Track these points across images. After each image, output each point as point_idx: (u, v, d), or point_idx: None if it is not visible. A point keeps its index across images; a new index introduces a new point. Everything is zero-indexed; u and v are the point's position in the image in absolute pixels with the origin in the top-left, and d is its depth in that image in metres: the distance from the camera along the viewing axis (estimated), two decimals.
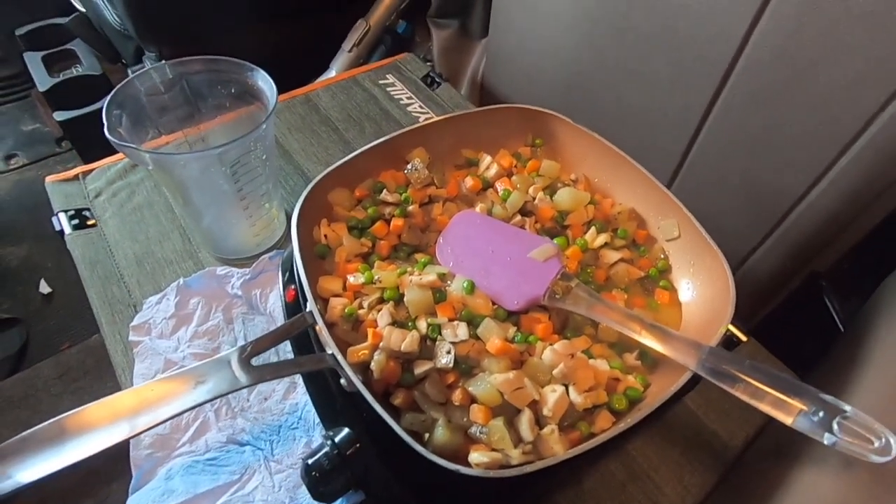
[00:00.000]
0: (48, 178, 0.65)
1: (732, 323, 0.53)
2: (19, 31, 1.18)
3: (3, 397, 0.98)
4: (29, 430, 0.33)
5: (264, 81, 0.50)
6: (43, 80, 1.06)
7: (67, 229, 0.60)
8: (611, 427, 0.35)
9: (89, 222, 0.61)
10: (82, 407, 0.32)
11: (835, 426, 0.30)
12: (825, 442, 0.30)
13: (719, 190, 0.62)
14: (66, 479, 0.31)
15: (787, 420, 0.31)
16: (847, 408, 0.30)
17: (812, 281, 0.63)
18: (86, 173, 0.66)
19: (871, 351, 0.45)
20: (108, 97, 0.46)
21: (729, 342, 0.54)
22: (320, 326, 0.36)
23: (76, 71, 1.11)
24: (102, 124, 0.44)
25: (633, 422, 0.33)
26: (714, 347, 0.35)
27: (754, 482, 0.41)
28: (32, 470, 0.31)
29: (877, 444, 0.29)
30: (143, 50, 0.92)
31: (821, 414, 0.30)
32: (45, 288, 1.20)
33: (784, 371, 0.54)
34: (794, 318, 0.65)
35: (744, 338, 0.55)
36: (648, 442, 0.49)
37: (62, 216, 0.61)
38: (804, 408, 0.31)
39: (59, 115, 1.02)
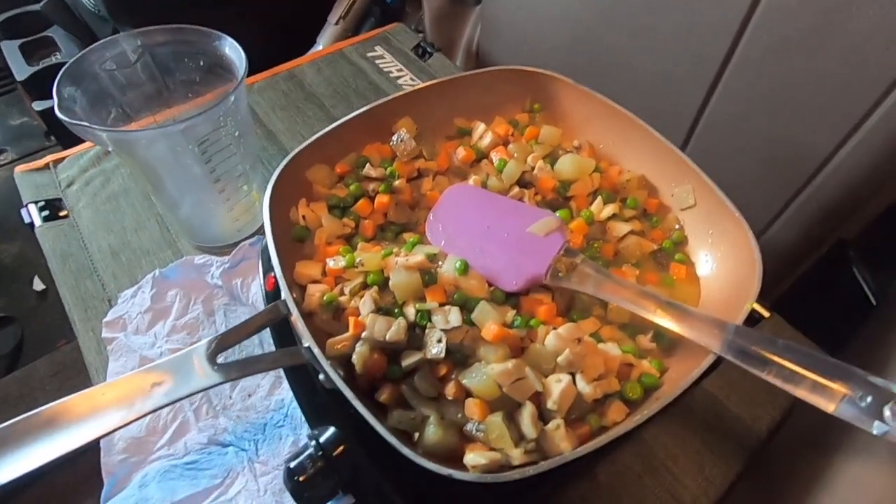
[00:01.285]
0: (17, 169, 0.61)
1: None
2: None
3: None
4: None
5: (233, 50, 0.45)
6: (21, 70, 1.02)
7: (37, 221, 0.56)
8: (624, 419, 0.31)
9: (61, 213, 0.58)
10: (18, 417, 0.28)
11: (887, 413, 0.26)
12: (874, 432, 0.26)
13: (736, 153, 0.57)
14: (30, 494, 0.27)
15: (829, 407, 0.27)
16: None
17: (839, 250, 0.58)
18: (57, 162, 0.62)
19: None
20: (61, 72, 0.42)
21: (750, 319, 0.49)
22: (295, 317, 0.32)
23: (55, 59, 1.06)
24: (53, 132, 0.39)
25: (650, 413, 0.29)
26: (740, 326, 0.31)
27: (785, 474, 0.37)
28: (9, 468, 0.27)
29: None
30: (118, 31, 0.88)
31: (868, 399, 0.26)
32: (38, 285, 1.17)
33: (810, 348, 0.50)
34: (820, 291, 0.61)
35: (766, 314, 0.50)
36: (665, 430, 0.45)
37: (31, 207, 0.57)
38: (849, 392, 0.26)
39: (39, 105, 0.98)
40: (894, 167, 0.48)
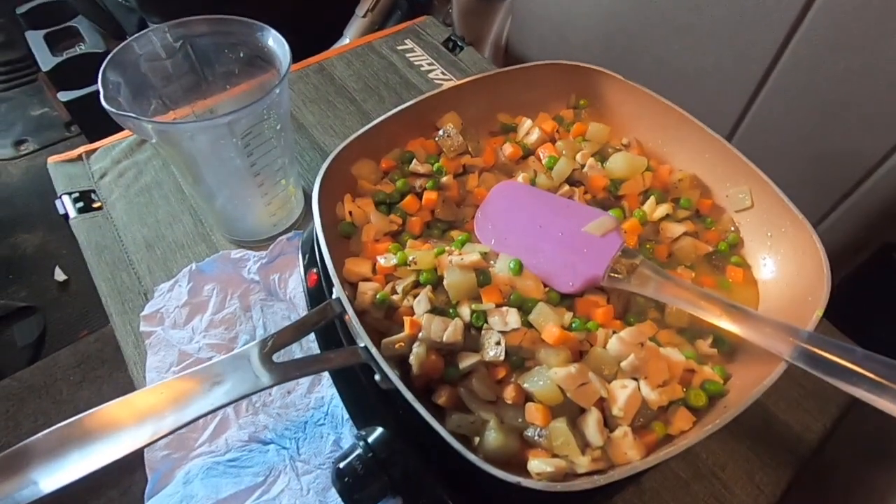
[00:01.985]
0: (50, 159, 0.61)
1: None
2: (20, 10, 1.14)
3: (23, 386, 0.97)
4: (54, 428, 0.29)
5: (276, 42, 0.45)
6: (46, 60, 1.02)
7: (72, 213, 0.56)
8: (692, 428, 0.30)
9: (95, 205, 0.57)
10: (77, 416, 0.27)
11: None
12: None
13: (781, 154, 0.55)
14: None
15: None
16: None
17: (885, 253, 0.57)
18: (89, 153, 0.62)
19: None
20: (104, 63, 0.41)
21: None
22: (350, 315, 0.31)
23: (79, 49, 1.06)
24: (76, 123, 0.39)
25: (723, 423, 0.28)
26: (813, 333, 0.30)
27: (842, 487, 0.36)
28: (60, 475, 0.27)
29: None
30: (146, 23, 0.87)
31: None
32: (60, 275, 1.17)
33: None
34: (865, 295, 0.59)
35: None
36: (712, 436, 0.43)
37: (66, 199, 0.57)
38: None
39: (64, 96, 0.97)
40: None
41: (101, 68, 0.40)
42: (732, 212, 0.41)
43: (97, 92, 0.39)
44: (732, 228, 0.41)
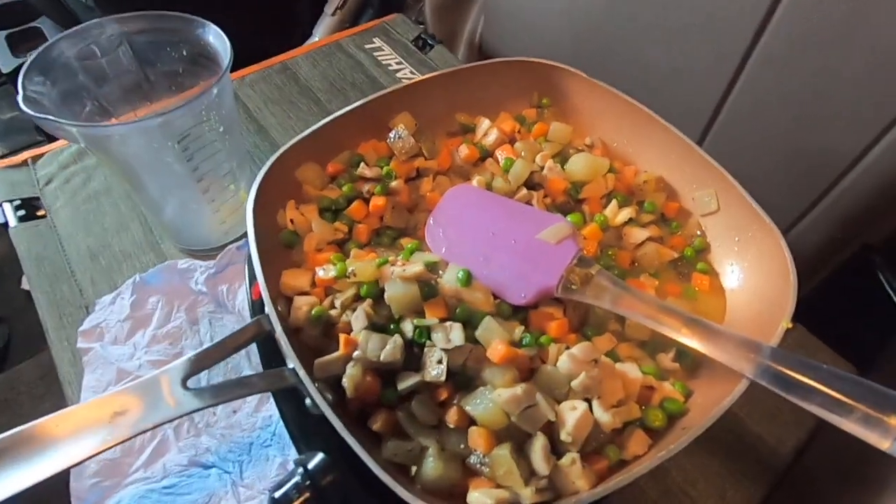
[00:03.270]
0: None
1: None
2: None
3: None
4: None
5: (217, 38, 0.42)
6: (6, 62, 0.98)
7: (12, 221, 0.53)
8: (647, 452, 0.28)
9: (38, 213, 0.54)
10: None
11: None
12: None
13: (755, 154, 0.54)
14: None
15: (883, 444, 0.24)
16: None
17: (863, 255, 0.55)
18: (36, 158, 0.59)
19: None
20: (28, 61, 0.38)
21: None
22: (279, 335, 0.29)
23: None
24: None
25: (678, 448, 0.26)
26: (777, 349, 0.27)
27: None
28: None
29: None
30: None
31: None
32: (27, 285, 1.13)
33: (838, 363, 0.47)
34: (843, 298, 0.57)
35: (789, 325, 0.47)
36: (683, 452, 0.42)
37: (6, 206, 0.54)
38: None
39: None
40: None
41: (23, 69, 0.38)
42: (699, 215, 0.39)
43: None
44: (699, 233, 0.38)
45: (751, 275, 0.35)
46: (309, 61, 0.72)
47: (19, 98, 0.36)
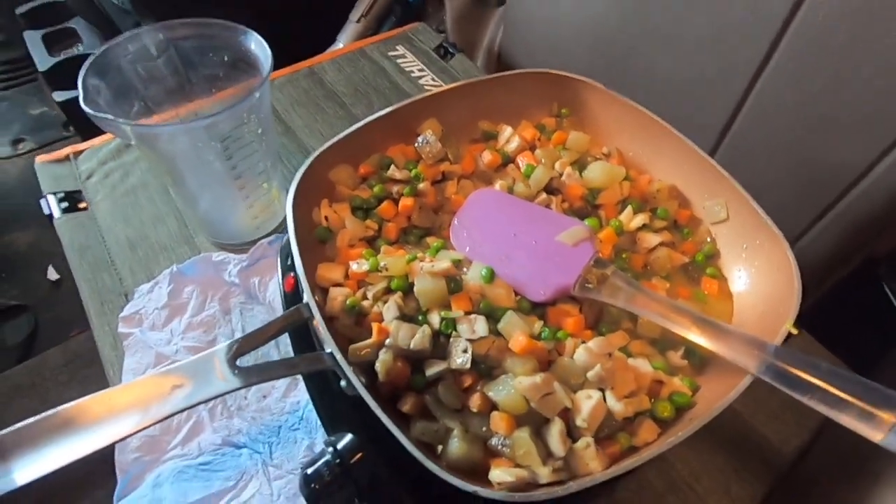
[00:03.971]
0: (38, 159, 0.61)
1: None
2: (19, 10, 1.15)
3: (11, 385, 0.96)
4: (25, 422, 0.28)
5: (258, 46, 0.45)
6: (43, 60, 1.02)
7: (56, 213, 0.56)
8: (656, 440, 0.30)
9: (80, 205, 0.58)
10: (37, 417, 0.27)
11: None
12: None
13: (766, 165, 0.56)
14: (47, 486, 0.26)
15: (876, 436, 0.26)
16: None
17: (868, 266, 0.57)
18: (77, 153, 0.62)
19: None
20: (86, 64, 0.41)
21: None
22: (317, 321, 0.31)
23: (77, 50, 1.07)
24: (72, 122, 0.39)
25: (685, 435, 0.28)
26: (780, 347, 0.29)
27: (819, 502, 0.36)
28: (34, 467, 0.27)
29: None
30: (140, 24, 0.88)
31: None
32: (53, 274, 1.18)
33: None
34: (848, 308, 0.59)
35: (794, 331, 0.49)
36: (689, 447, 0.44)
37: (51, 198, 0.57)
38: None
39: (59, 96, 0.98)
40: None
41: (83, 70, 0.41)
42: (709, 223, 0.41)
43: None
44: (709, 239, 0.41)
45: (757, 280, 0.37)
46: (335, 67, 0.75)
47: (80, 98, 0.39)
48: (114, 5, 0.92)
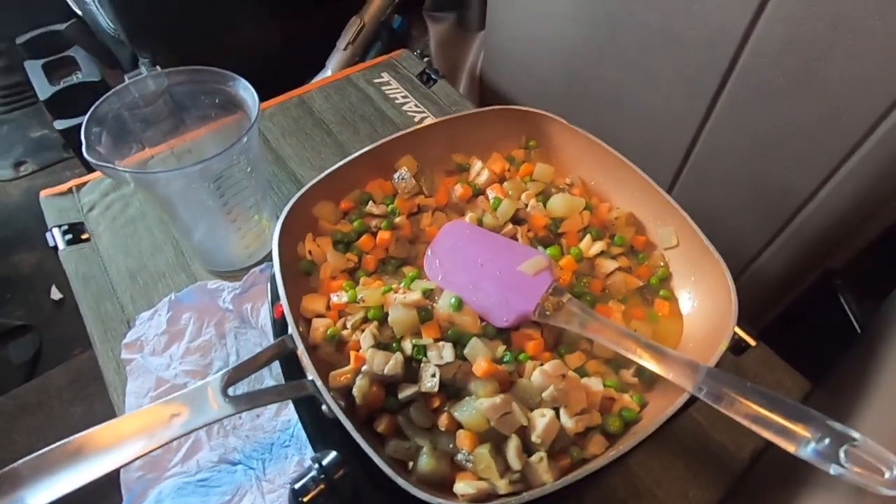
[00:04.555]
0: (42, 193, 0.65)
1: (741, 327, 0.52)
2: (20, 40, 1.19)
3: (17, 404, 1.00)
4: (39, 453, 0.32)
5: (246, 91, 0.49)
6: (43, 89, 1.06)
7: (61, 245, 0.60)
8: (603, 452, 0.33)
9: (83, 236, 0.61)
10: (49, 447, 0.31)
11: (842, 455, 0.28)
12: (831, 472, 0.28)
13: (725, 188, 0.59)
14: None
15: (791, 448, 0.29)
16: (856, 435, 0.28)
17: (826, 280, 0.60)
18: (79, 186, 0.66)
19: (887, 355, 0.42)
20: (87, 115, 0.45)
21: (736, 347, 0.52)
22: (301, 351, 0.35)
23: (76, 78, 1.11)
24: (80, 143, 0.43)
25: (626, 449, 0.31)
26: (712, 368, 0.33)
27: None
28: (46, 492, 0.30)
29: (888, 476, 0.27)
30: (137, 56, 0.92)
31: (827, 442, 0.28)
32: (56, 294, 1.21)
33: (795, 378, 0.52)
34: (808, 319, 0.63)
35: (752, 342, 0.53)
36: (652, 455, 0.47)
37: (55, 231, 0.61)
38: (808, 435, 0.29)
39: (60, 124, 1.02)
40: (874, 205, 0.50)
41: (85, 121, 0.44)
42: (662, 249, 0.45)
43: None
44: (662, 264, 0.44)
45: (702, 302, 0.41)
46: (322, 95, 0.78)
47: (83, 148, 0.42)
48: (111, 37, 0.95)
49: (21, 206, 1.40)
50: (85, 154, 0.42)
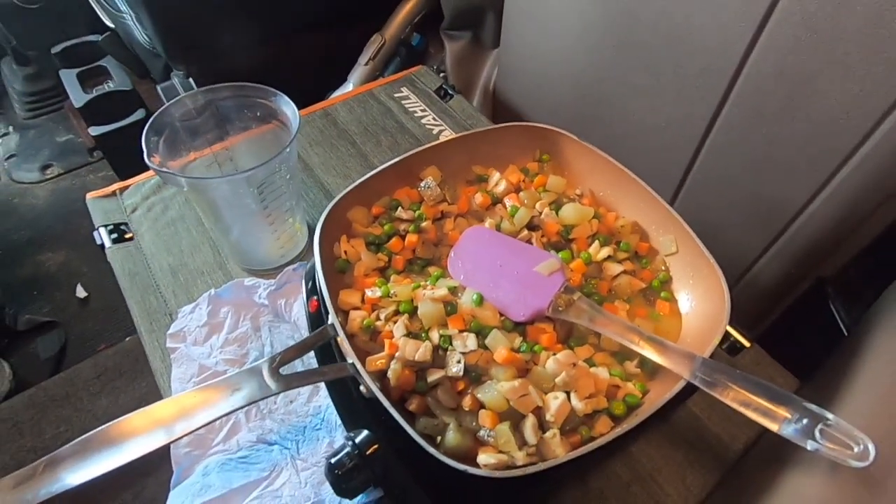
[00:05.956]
0: (88, 196, 0.70)
1: (736, 329, 0.56)
2: (55, 49, 1.25)
3: (46, 396, 1.04)
4: (80, 438, 0.37)
5: (287, 106, 0.54)
6: (78, 97, 1.12)
7: (108, 243, 0.65)
8: (609, 431, 0.38)
9: (127, 236, 0.66)
10: (127, 415, 0.35)
11: (817, 433, 0.32)
12: (808, 448, 0.32)
13: (723, 200, 0.64)
14: (117, 473, 0.35)
15: (774, 427, 0.33)
16: (829, 416, 0.32)
17: (818, 287, 0.64)
18: (122, 189, 0.71)
19: (868, 355, 0.46)
20: (147, 125, 0.50)
21: (732, 348, 0.56)
22: (342, 338, 0.39)
23: (108, 87, 1.17)
24: (142, 150, 0.48)
25: (630, 426, 0.36)
26: (706, 359, 0.37)
27: (751, 485, 0.43)
28: (82, 472, 0.35)
29: (856, 450, 0.31)
30: (170, 67, 0.97)
31: (804, 421, 0.33)
32: (81, 292, 1.26)
33: (785, 376, 0.56)
34: (800, 324, 0.67)
35: (747, 344, 0.57)
36: (652, 444, 0.51)
37: (102, 231, 0.66)
38: (788, 416, 0.33)
39: (94, 131, 1.07)
40: (861, 217, 0.54)
41: (145, 131, 0.49)
42: (664, 255, 0.49)
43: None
44: (663, 268, 0.49)
45: (699, 303, 0.45)
46: (346, 108, 0.84)
47: (144, 155, 0.47)
48: (146, 50, 1.01)
49: (48, 207, 1.46)
50: (147, 161, 0.47)
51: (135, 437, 0.34)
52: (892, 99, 0.45)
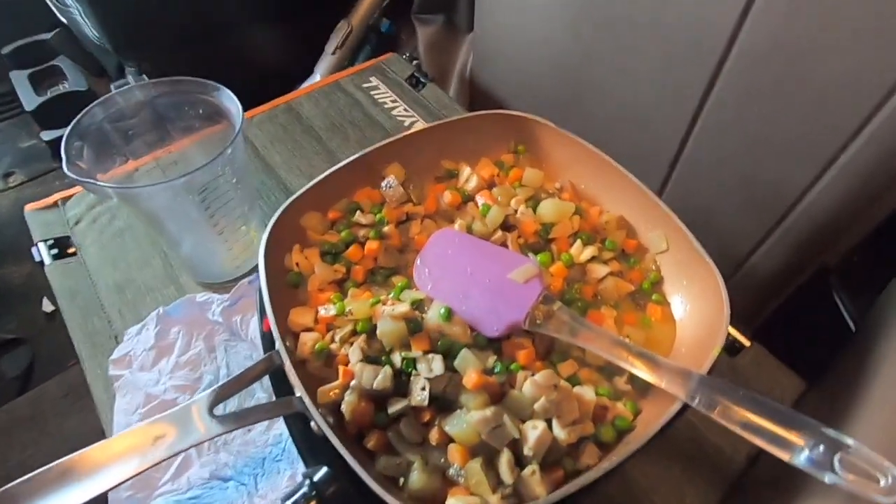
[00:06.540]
0: (27, 208, 0.64)
1: (735, 327, 0.51)
2: (4, 50, 1.17)
3: (12, 418, 0.99)
4: None
5: (230, 101, 0.48)
6: (30, 100, 1.05)
7: (47, 260, 0.59)
8: (596, 464, 0.33)
9: (69, 250, 0.60)
10: (38, 470, 0.30)
11: (836, 463, 0.27)
12: (826, 481, 0.27)
13: (717, 186, 0.59)
14: None
15: (785, 456, 0.29)
16: (850, 442, 0.28)
17: (820, 276, 0.60)
18: (65, 199, 0.65)
19: (882, 357, 0.42)
20: (68, 129, 0.44)
21: (731, 348, 0.52)
22: (287, 368, 0.34)
23: (62, 88, 1.10)
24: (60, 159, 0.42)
25: (619, 460, 0.31)
26: (705, 376, 0.33)
27: None
28: None
29: (882, 483, 0.27)
30: (122, 64, 0.91)
31: (821, 449, 0.28)
32: (48, 306, 1.20)
33: (790, 377, 0.52)
34: (802, 317, 0.62)
35: (746, 343, 0.52)
36: (647, 459, 0.46)
37: (41, 246, 0.60)
38: (803, 443, 0.28)
39: (47, 135, 1.01)
40: (866, 202, 0.49)
41: (65, 135, 0.43)
42: (654, 253, 0.44)
43: None
44: (654, 268, 0.44)
45: (694, 306, 0.40)
46: (311, 101, 0.78)
47: (64, 164, 0.42)
48: (97, 46, 0.94)
49: (10, 217, 1.39)
50: (65, 169, 0.41)
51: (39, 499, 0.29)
52: None
